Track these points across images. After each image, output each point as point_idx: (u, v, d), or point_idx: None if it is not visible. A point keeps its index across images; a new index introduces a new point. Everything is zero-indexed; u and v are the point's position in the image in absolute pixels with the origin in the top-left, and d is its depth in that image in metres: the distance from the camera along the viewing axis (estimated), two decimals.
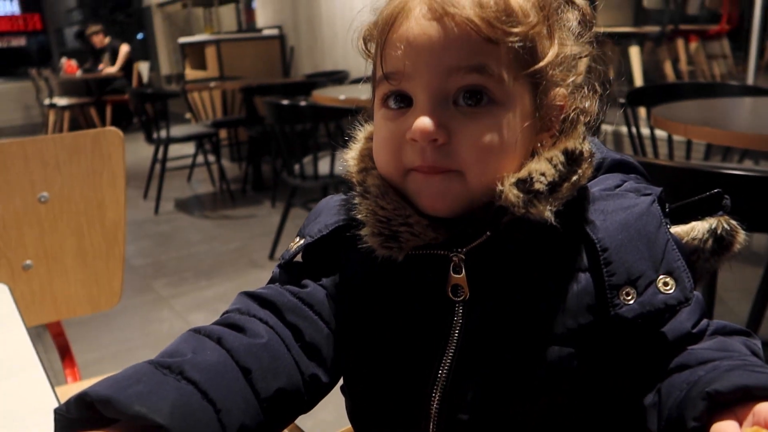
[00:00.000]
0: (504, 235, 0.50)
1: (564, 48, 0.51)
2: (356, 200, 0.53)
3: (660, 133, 2.09)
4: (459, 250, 0.51)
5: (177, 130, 4.06)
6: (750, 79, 3.31)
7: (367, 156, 0.55)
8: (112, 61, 7.35)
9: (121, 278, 1.31)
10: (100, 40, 7.47)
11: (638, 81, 3.74)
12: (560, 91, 0.51)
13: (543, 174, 0.48)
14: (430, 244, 0.51)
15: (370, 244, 0.51)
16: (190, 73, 5.84)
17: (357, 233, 0.52)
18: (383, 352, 0.53)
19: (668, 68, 4.01)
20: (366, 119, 0.59)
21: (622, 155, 0.58)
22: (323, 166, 2.80)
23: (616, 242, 0.48)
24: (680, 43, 3.98)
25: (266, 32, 5.74)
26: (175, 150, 4.30)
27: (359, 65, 0.57)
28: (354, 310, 0.55)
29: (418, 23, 0.48)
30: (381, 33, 0.51)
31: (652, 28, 3.95)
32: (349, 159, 0.57)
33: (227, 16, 8.08)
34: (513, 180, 0.48)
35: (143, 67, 7.71)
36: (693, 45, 4.11)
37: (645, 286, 0.47)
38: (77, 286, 1.31)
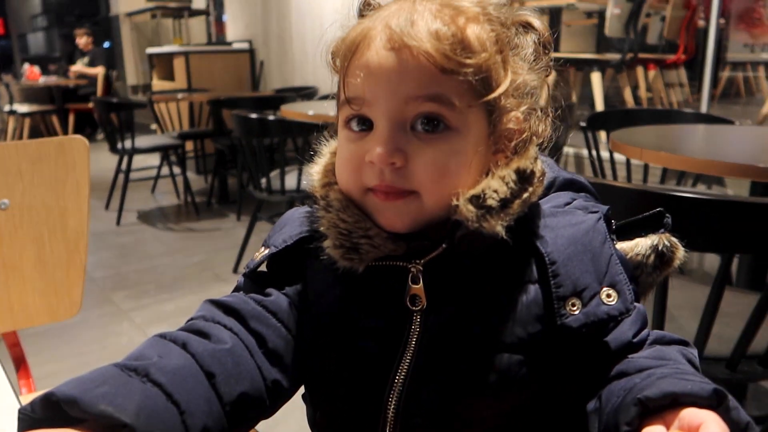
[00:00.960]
0: (459, 248, 0.52)
1: (517, 77, 0.53)
2: (319, 213, 0.55)
3: (619, 157, 2.16)
4: (417, 261, 0.53)
5: (142, 141, 4.01)
6: (704, 107, 3.44)
7: (330, 171, 0.57)
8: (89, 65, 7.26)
9: (81, 288, 1.29)
10: (85, 42, 7.38)
11: (599, 106, 3.85)
12: (514, 115, 0.54)
13: (495, 191, 0.50)
14: (389, 256, 0.54)
15: (331, 256, 0.53)
16: (158, 84, 5.78)
17: (319, 245, 0.54)
18: (343, 359, 0.55)
19: (628, 94, 4.14)
20: (332, 135, 0.61)
21: (573, 174, 0.61)
22: (290, 181, 2.80)
23: (563, 256, 0.51)
24: (639, 71, 4.11)
25: (236, 45, 5.73)
26: (139, 161, 4.25)
27: (328, 81, 0.59)
28: (316, 319, 0.56)
29: (378, 53, 0.50)
30: (344, 59, 0.53)
31: (614, 56, 4.08)
32: (313, 173, 0.59)
33: (197, 28, 8.05)
34: (467, 196, 0.50)
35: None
36: (651, 73, 4.25)
37: (589, 297, 0.50)
38: (35, 296, 1.29)
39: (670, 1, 4.11)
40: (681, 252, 0.57)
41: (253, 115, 2.75)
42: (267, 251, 0.57)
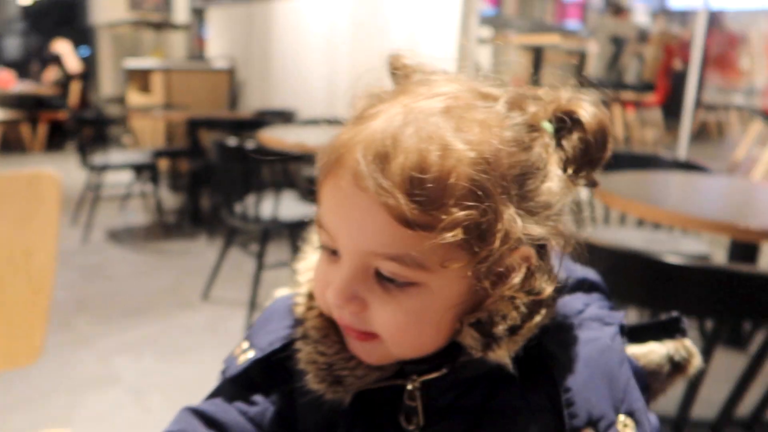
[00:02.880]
0: (461, 373, 0.47)
1: (514, 230, 0.43)
2: (297, 345, 0.50)
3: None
4: (414, 378, 0.48)
5: (114, 157, 3.92)
6: (682, 150, 3.49)
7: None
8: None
9: (44, 332, 1.22)
10: (62, 50, 7.27)
11: None
12: (523, 252, 0.45)
13: (504, 317, 0.44)
14: (379, 379, 0.49)
15: (316, 391, 0.48)
16: (134, 97, 5.68)
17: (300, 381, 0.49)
18: None
19: None
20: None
21: (584, 271, 0.56)
22: (265, 209, 2.75)
23: (578, 381, 0.46)
24: (617, 110, 4.18)
25: (217, 63, 5.68)
26: (109, 175, 4.14)
27: (306, 105, 0.54)
28: (306, 425, 0.52)
29: (345, 188, 0.43)
30: (322, 172, 0.46)
31: (593, 95, 4.16)
32: (299, 298, 0.53)
33: (177, 41, 7.98)
34: (472, 320, 0.45)
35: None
36: (629, 113, 4.33)
37: (605, 428, 0.45)
38: None
39: (650, 43, 4.20)
40: (697, 360, 0.53)
41: (232, 143, 2.70)
42: (252, 354, 0.52)
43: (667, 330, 0.53)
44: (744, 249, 1.77)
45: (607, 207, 2.42)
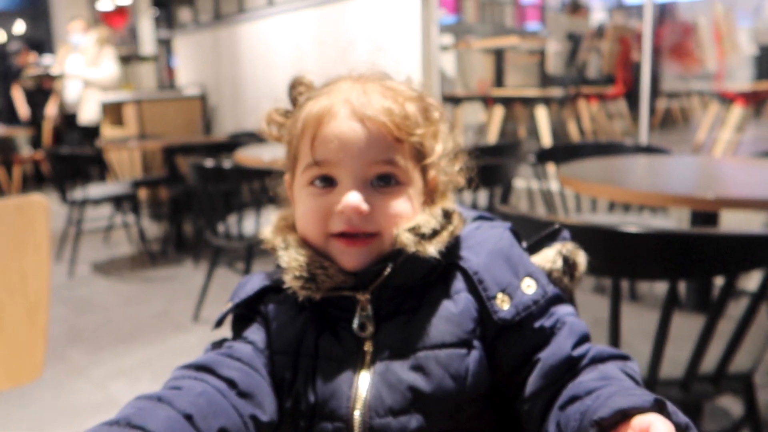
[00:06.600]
0: (400, 272, 0.62)
1: (446, 145, 0.68)
2: (279, 253, 0.65)
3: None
4: (364, 291, 0.63)
5: (94, 190, 3.95)
6: (644, 137, 3.62)
7: (283, 227, 0.68)
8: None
9: (44, 350, 1.27)
10: (31, 60, 7.26)
11: (546, 140, 4.00)
12: (438, 170, 0.68)
13: (427, 223, 0.63)
14: (341, 287, 0.63)
15: (291, 287, 0.62)
16: (107, 130, 5.71)
17: (281, 287, 0.64)
18: (310, 380, 0.62)
19: (572, 127, 4.32)
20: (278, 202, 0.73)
21: (479, 212, 0.73)
22: (248, 226, 2.80)
23: (482, 264, 0.63)
24: (582, 104, 4.31)
25: (188, 91, 5.73)
26: (90, 209, 4.16)
27: None
28: (281, 355, 0.64)
29: (345, 123, 0.62)
30: (310, 128, 0.63)
31: (557, 91, 4.28)
32: (266, 233, 0.69)
33: (146, 72, 8.00)
34: (406, 227, 0.62)
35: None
36: (593, 106, 4.46)
37: (513, 290, 0.62)
38: None
39: (606, 38, 4.34)
40: (582, 255, 0.69)
41: (209, 164, 2.76)
42: (232, 304, 0.68)
43: (553, 239, 0.70)
44: (704, 219, 1.86)
45: (578, 196, 2.51)
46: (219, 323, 0.68)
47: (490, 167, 2.17)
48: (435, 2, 3.79)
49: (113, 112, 5.67)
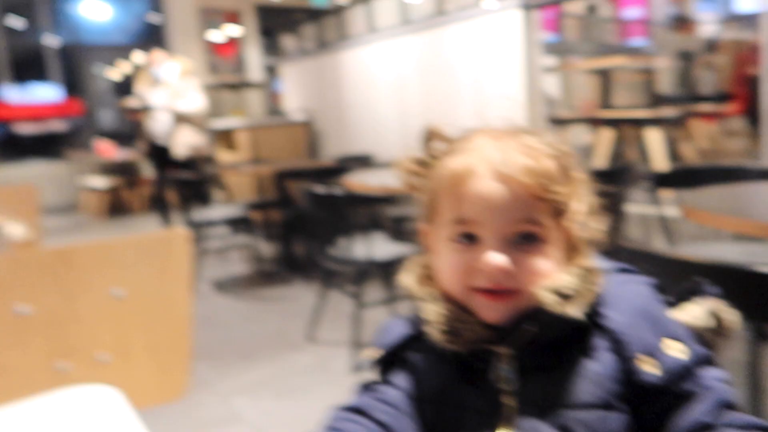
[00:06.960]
0: (543, 333, 0.64)
1: (585, 201, 0.68)
2: (425, 305, 0.68)
3: None
4: (506, 345, 0.65)
5: (212, 213, 4.23)
6: (767, 158, 3.41)
7: (424, 278, 0.71)
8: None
9: (189, 370, 1.39)
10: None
11: (659, 162, 3.86)
12: (577, 226, 0.68)
13: (568, 283, 0.64)
14: (484, 340, 0.65)
15: (437, 340, 0.65)
16: (222, 154, 6.10)
17: (425, 337, 0.67)
18: (450, 427, 0.65)
19: (685, 148, 4.14)
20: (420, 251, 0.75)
21: (618, 264, 0.73)
22: (357, 250, 2.91)
23: (627, 324, 0.63)
24: (696, 124, 4.12)
25: (294, 117, 6.02)
26: (209, 229, 4.45)
27: (382, 148, 0.73)
28: (425, 403, 0.68)
29: (487, 183, 0.64)
30: (453, 186, 0.66)
31: (669, 111, 4.11)
32: (410, 282, 0.71)
33: (253, 98, 8.47)
34: (548, 287, 0.63)
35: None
36: (710, 126, 4.25)
37: (660, 352, 0.61)
38: (146, 379, 1.40)
39: (719, 52, 4.14)
40: (734, 314, 0.67)
41: (322, 191, 2.90)
42: (383, 351, 0.71)
43: (696, 294, 0.68)
44: None
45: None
46: (368, 367, 0.73)
47: (603, 194, 2.13)
48: (537, 23, 3.79)
49: (225, 137, 6.06)
